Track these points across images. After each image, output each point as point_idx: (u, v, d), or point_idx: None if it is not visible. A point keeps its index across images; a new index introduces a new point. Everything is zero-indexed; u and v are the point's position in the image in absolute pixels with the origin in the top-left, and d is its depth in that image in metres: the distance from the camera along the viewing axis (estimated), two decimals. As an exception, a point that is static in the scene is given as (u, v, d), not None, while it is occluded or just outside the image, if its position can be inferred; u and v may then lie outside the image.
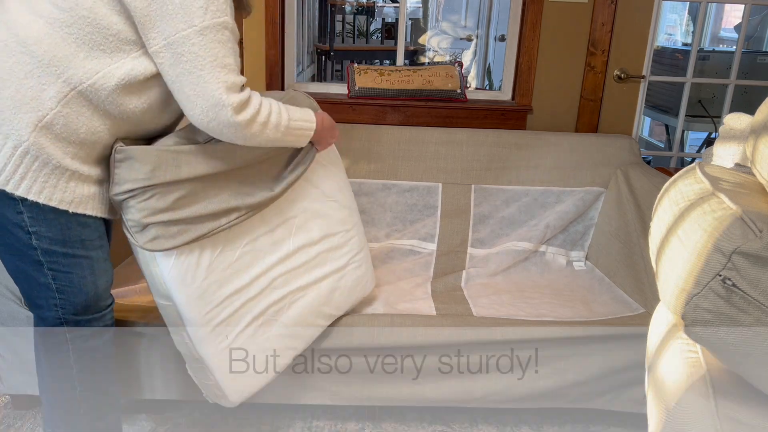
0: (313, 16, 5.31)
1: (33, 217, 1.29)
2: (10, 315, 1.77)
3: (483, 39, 4.75)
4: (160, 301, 1.47)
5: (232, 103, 1.28)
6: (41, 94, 1.23)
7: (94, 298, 1.42)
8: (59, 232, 1.32)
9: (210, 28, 1.23)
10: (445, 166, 2.32)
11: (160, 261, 1.41)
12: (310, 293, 1.71)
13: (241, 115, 1.31)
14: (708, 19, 5.38)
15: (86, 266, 1.38)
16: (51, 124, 1.24)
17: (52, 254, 1.34)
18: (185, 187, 1.40)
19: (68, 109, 1.25)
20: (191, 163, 1.40)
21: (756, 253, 0.84)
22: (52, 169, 1.27)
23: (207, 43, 1.23)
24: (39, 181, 1.26)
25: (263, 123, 1.37)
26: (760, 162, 1.01)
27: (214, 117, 1.28)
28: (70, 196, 1.30)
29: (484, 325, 1.78)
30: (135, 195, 1.34)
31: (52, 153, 1.26)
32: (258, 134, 1.37)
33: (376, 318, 1.79)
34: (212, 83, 1.25)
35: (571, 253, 2.37)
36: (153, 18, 1.22)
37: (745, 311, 0.86)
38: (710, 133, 3.73)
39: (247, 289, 1.56)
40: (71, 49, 1.24)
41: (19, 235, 1.31)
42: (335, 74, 5.82)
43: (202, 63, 1.24)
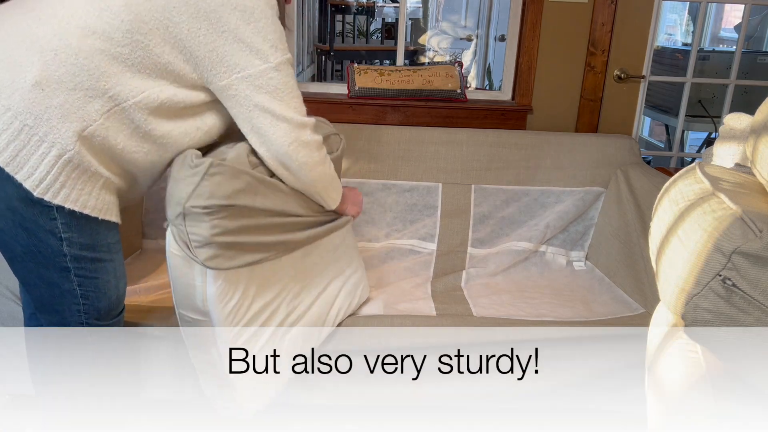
0: (313, 16, 5.31)
1: (66, 223, 1.30)
2: (10, 315, 1.77)
3: (483, 39, 4.76)
4: (192, 316, 1.46)
5: (309, 123, 1.43)
6: (87, 105, 1.24)
7: (116, 302, 1.44)
8: (89, 237, 1.34)
9: (283, 63, 1.37)
10: (445, 166, 2.32)
11: (209, 278, 1.40)
12: (318, 301, 1.73)
13: (316, 135, 1.46)
14: (708, 19, 5.38)
15: (110, 270, 1.41)
16: (92, 136, 1.26)
17: (80, 260, 1.35)
18: (255, 215, 1.43)
19: (110, 122, 1.27)
20: (267, 195, 1.45)
21: (756, 253, 0.84)
22: (89, 176, 1.28)
23: (283, 77, 1.37)
24: (76, 189, 1.27)
25: (324, 157, 1.51)
26: (760, 162, 1.01)
27: (296, 138, 1.40)
28: (101, 203, 1.32)
29: (484, 325, 1.78)
30: (213, 212, 1.33)
31: (90, 162, 1.28)
32: (319, 163, 1.49)
33: (376, 318, 1.80)
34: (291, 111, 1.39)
35: (571, 253, 2.37)
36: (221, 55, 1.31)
37: (745, 311, 0.87)
38: (710, 133, 3.73)
39: (270, 306, 1.58)
40: (119, 68, 1.26)
41: (50, 242, 1.31)
42: (335, 74, 5.82)
43: (282, 93, 1.37)
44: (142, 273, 2.07)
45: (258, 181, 1.42)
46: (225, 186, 1.33)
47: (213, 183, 1.32)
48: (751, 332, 0.88)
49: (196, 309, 1.44)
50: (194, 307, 1.44)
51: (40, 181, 1.23)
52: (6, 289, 1.75)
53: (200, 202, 1.32)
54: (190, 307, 1.45)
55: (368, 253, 2.27)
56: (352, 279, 1.86)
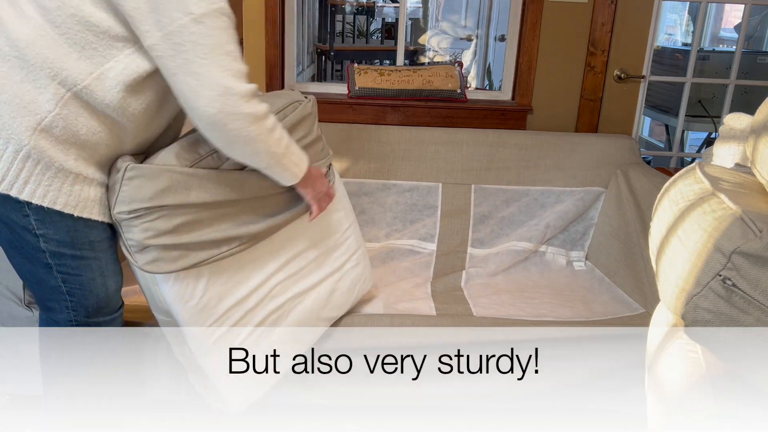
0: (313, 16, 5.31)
1: (40, 219, 1.28)
2: (10, 315, 1.77)
3: (483, 39, 4.75)
4: (159, 316, 1.47)
5: (240, 91, 1.22)
6: (38, 97, 1.22)
7: (105, 300, 1.42)
8: (66, 234, 1.31)
9: (207, 15, 1.18)
10: (445, 166, 2.32)
11: (159, 281, 1.39)
12: (309, 298, 1.71)
13: (250, 106, 1.24)
14: (708, 19, 5.38)
15: (95, 268, 1.38)
16: (50, 127, 1.23)
17: (60, 257, 1.33)
18: (191, 212, 1.36)
19: (66, 110, 1.24)
20: (203, 188, 1.36)
21: (756, 253, 0.84)
22: (56, 172, 1.26)
23: (206, 30, 1.18)
24: (43, 184, 1.25)
25: (270, 129, 1.30)
26: (760, 162, 1.01)
27: (221, 107, 1.21)
28: (75, 199, 1.29)
29: (484, 325, 1.78)
30: (140, 215, 1.31)
31: (54, 156, 1.25)
32: (263, 138, 1.30)
33: (376, 318, 1.79)
34: (217, 71, 1.19)
35: (571, 253, 2.37)
36: (144, 10, 1.18)
37: (745, 311, 0.87)
38: (710, 133, 3.73)
39: (246, 301, 1.54)
40: (63, 50, 1.22)
41: (28, 238, 1.30)
42: (335, 74, 5.82)
43: (203, 51, 1.18)
44: (142, 273, 2.07)
45: (188, 176, 1.34)
46: (145, 188, 1.30)
47: (132, 187, 1.29)
48: (751, 332, 0.88)
49: (160, 310, 1.45)
50: (158, 309, 1.45)
51: (2, 177, 1.23)
52: (6, 289, 1.75)
53: (124, 207, 1.30)
54: (157, 309, 1.46)
55: (368, 253, 2.27)
56: (350, 274, 1.85)
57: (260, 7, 2.41)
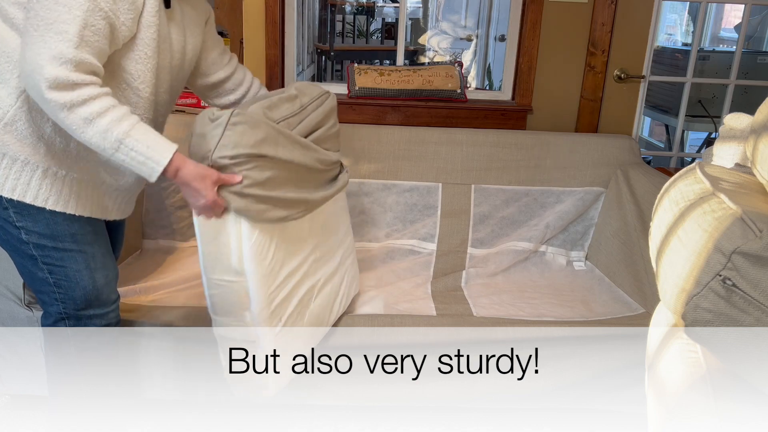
0: (313, 16, 5.31)
1: (18, 212, 1.29)
2: (10, 315, 1.77)
3: (483, 39, 4.75)
4: (226, 278, 1.41)
5: (48, 76, 1.12)
6: (1, 91, 1.22)
7: (94, 293, 1.41)
8: (46, 226, 1.31)
9: None
10: (445, 166, 2.32)
11: (244, 235, 1.38)
12: (327, 285, 1.73)
13: (55, 94, 1.13)
14: (708, 19, 5.38)
15: (80, 260, 1.37)
16: (13, 121, 1.23)
17: (43, 248, 1.33)
18: (276, 168, 1.40)
19: (28, 104, 1.24)
20: (286, 146, 1.41)
21: (756, 253, 0.84)
22: (22, 165, 1.25)
23: (50, 3, 1.11)
24: (11, 178, 1.26)
25: (86, 119, 1.17)
26: (760, 162, 1.01)
27: (32, 85, 1.14)
28: (45, 193, 1.29)
29: (484, 325, 1.78)
30: (240, 162, 1.33)
31: (19, 150, 1.24)
32: (77, 128, 1.18)
33: (376, 318, 1.80)
34: (36, 46, 1.11)
35: (571, 253, 2.37)
36: None
37: (745, 311, 0.86)
38: (710, 133, 3.73)
39: (297, 272, 1.56)
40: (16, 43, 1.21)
41: (10, 230, 1.32)
42: (335, 74, 5.82)
43: (36, 22, 1.11)
44: (142, 273, 2.07)
45: (277, 132, 1.40)
46: (248, 135, 1.32)
47: (237, 132, 1.31)
48: (751, 332, 0.88)
49: (231, 269, 1.40)
50: (228, 268, 1.40)
51: None
52: (6, 289, 1.75)
53: (227, 152, 1.31)
54: (224, 269, 1.41)
55: (368, 253, 2.27)
56: (350, 271, 1.87)
57: (260, 7, 2.41)
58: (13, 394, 1.89)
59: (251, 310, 1.44)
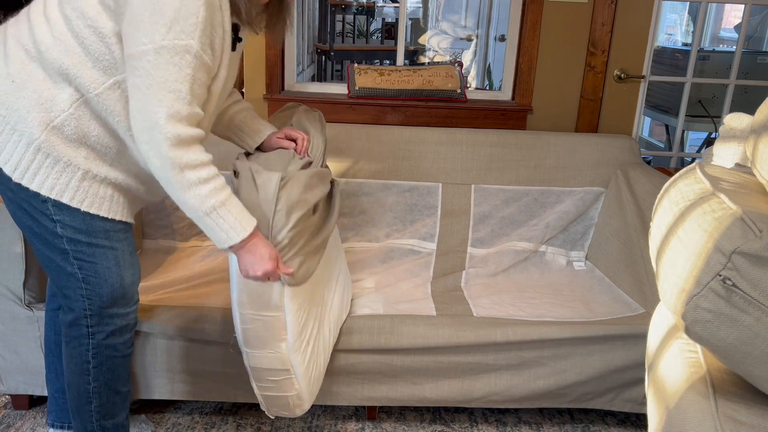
0: (313, 16, 5.31)
1: (57, 206, 1.33)
2: (10, 315, 1.77)
3: (483, 39, 4.75)
4: (264, 313, 1.45)
5: (167, 132, 1.21)
6: (57, 96, 1.28)
7: (120, 291, 1.43)
8: (82, 222, 1.35)
9: (168, 48, 1.18)
10: (445, 166, 2.32)
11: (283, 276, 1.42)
12: (336, 297, 1.77)
13: (176, 152, 1.23)
14: (708, 19, 5.38)
15: (111, 257, 1.40)
16: (62, 126, 1.28)
17: (76, 243, 1.36)
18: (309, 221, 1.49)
19: (80, 112, 1.29)
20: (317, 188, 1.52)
21: (756, 253, 0.84)
22: (64, 167, 1.30)
23: (161, 63, 1.18)
24: (51, 177, 1.30)
25: (192, 183, 1.26)
26: (760, 162, 1.01)
27: (148, 140, 1.22)
28: (82, 194, 1.33)
29: (484, 325, 1.78)
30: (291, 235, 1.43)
31: (63, 152, 1.29)
32: (181, 189, 1.26)
33: (376, 318, 1.80)
34: (153, 104, 1.20)
35: (571, 253, 2.37)
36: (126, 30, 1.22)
37: (745, 311, 0.87)
38: (710, 133, 3.73)
39: (320, 298, 1.62)
40: (79, 58, 1.26)
41: (46, 223, 1.34)
42: (335, 74, 5.82)
43: (149, 81, 1.19)
44: (142, 273, 2.07)
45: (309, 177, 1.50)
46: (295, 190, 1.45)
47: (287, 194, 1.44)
48: (751, 332, 0.88)
49: (270, 305, 1.45)
50: (267, 304, 1.44)
51: (15, 166, 1.29)
52: (6, 289, 1.75)
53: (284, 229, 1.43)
54: (263, 305, 1.45)
55: (368, 253, 2.27)
56: (340, 281, 1.88)
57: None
58: (13, 393, 1.89)
59: (288, 341, 1.49)
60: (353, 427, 1.92)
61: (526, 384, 1.83)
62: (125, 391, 1.55)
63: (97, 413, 1.51)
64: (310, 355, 1.57)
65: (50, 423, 1.72)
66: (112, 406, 1.53)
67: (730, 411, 0.93)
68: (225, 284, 2.02)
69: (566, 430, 1.96)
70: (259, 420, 1.93)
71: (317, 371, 1.63)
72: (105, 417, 1.52)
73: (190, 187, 1.26)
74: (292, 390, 1.54)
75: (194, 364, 1.79)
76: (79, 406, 1.51)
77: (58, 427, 1.71)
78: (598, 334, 1.79)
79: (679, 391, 1.00)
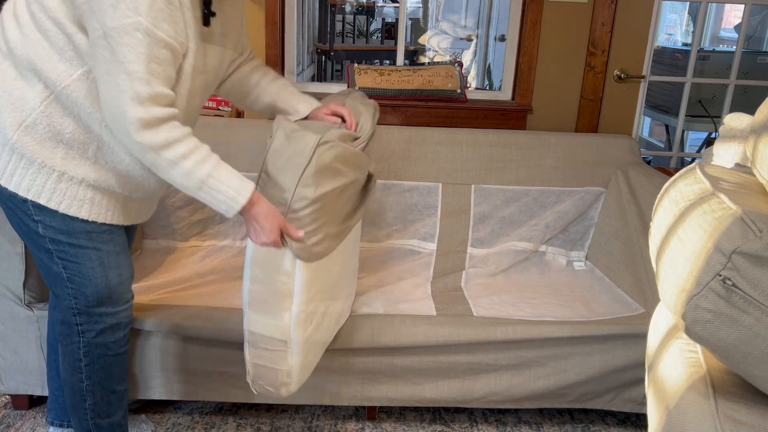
0: (313, 16, 5.31)
1: (36, 206, 1.32)
2: (10, 315, 1.77)
3: (483, 39, 4.75)
4: (274, 276, 1.43)
5: (132, 117, 1.19)
6: (26, 95, 1.26)
7: (106, 291, 1.42)
8: (62, 223, 1.34)
9: (117, 29, 1.14)
10: (445, 166, 2.32)
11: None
12: (343, 294, 1.75)
13: (144, 135, 1.21)
14: (708, 19, 5.38)
15: (95, 258, 1.39)
16: (34, 124, 1.26)
17: (58, 243, 1.36)
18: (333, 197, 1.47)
19: (51, 109, 1.27)
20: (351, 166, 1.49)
21: (756, 253, 0.84)
22: (39, 167, 1.28)
23: (114, 46, 1.16)
24: (27, 178, 1.29)
25: (171, 161, 1.25)
26: (760, 162, 1.01)
27: (119, 128, 1.22)
28: (59, 196, 1.31)
29: (484, 325, 1.78)
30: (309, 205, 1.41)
31: (37, 152, 1.27)
32: (165, 169, 1.26)
33: (376, 318, 1.80)
34: (116, 90, 1.18)
35: (571, 253, 2.37)
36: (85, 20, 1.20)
37: (745, 311, 0.87)
38: (710, 133, 3.73)
39: (330, 286, 1.60)
40: (45, 52, 1.24)
41: (28, 223, 1.34)
42: (335, 74, 5.82)
43: (106, 67, 1.17)
44: (143, 273, 2.07)
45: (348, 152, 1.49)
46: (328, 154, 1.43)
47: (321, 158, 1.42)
48: (751, 332, 0.88)
49: (281, 269, 1.43)
50: (279, 268, 1.42)
51: None
52: (6, 289, 1.75)
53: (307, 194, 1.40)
54: (274, 268, 1.42)
55: (368, 253, 2.27)
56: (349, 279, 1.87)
57: (260, 8, 2.41)
58: (13, 393, 1.89)
59: (291, 310, 1.46)
60: (353, 427, 1.92)
61: (526, 384, 1.83)
62: (121, 390, 1.54)
63: (92, 411, 1.51)
64: (310, 336, 1.53)
65: (50, 421, 1.72)
66: (107, 404, 1.52)
67: (730, 411, 0.93)
68: (225, 284, 2.02)
69: (566, 430, 1.96)
70: (259, 420, 1.93)
71: (312, 355, 1.59)
72: (100, 415, 1.52)
73: (172, 166, 1.24)
74: (285, 365, 1.51)
75: (194, 363, 1.79)
76: (75, 405, 1.50)
77: (57, 426, 1.71)
78: (598, 334, 1.79)
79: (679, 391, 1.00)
